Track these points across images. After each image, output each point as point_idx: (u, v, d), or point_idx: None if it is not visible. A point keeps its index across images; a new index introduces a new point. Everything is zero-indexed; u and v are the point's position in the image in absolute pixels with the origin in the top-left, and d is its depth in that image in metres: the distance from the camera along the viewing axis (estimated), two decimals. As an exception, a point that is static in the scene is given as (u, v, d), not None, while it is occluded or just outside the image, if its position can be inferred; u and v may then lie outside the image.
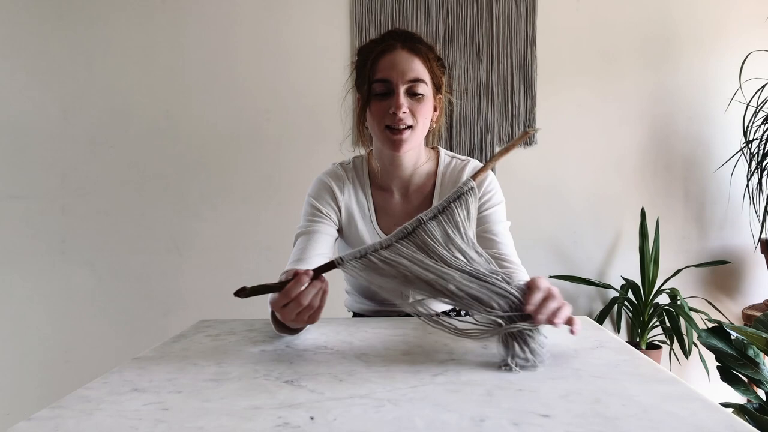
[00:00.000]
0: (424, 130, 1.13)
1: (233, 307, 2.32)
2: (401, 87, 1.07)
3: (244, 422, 0.59)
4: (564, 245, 2.35)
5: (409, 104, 1.08)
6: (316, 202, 1.18)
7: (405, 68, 1.07)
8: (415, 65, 1.08)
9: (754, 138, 2.12)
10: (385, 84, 1.08)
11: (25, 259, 2.33)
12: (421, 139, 1.15)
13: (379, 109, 1.09)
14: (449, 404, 0.63)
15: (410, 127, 1.08)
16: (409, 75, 1.07)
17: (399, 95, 1.07)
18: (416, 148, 1.15)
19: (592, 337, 0.94)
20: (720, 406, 0.62)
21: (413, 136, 1.10)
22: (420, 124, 1.10)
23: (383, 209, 1.20)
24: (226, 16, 2.31)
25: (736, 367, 1.44)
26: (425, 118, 1.11)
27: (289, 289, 0.80)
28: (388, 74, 1.07)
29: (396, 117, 1.07)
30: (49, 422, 0.61)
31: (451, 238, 0.84)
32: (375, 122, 1.10)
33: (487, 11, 2.29)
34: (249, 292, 0.81)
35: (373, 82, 1.09)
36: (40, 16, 2.30)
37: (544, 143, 2.31)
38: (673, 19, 2.32)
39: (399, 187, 1.19)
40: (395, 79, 1.07)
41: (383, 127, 1.09)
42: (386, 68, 1.08)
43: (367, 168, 1.22)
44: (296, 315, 0.82)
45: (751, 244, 2.29)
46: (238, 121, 2.32)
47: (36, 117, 2.32)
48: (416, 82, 1.08)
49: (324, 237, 1.14)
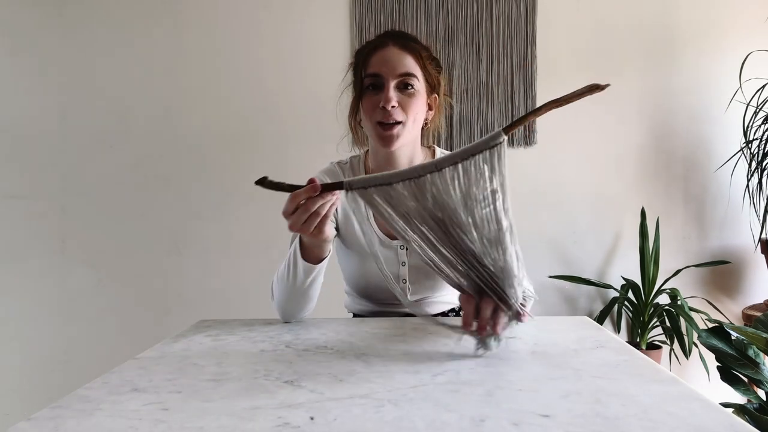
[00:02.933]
0: (416, 126, 1.13)
1: (233, 307, 2.33)
2: (391, 81, 1.08)
3: (244, 422, 0.59)
4: (564, 245, 2.35)
5: (400, 99, 1.08)
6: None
7: (395, 63, 1.08)
8: (406, 61, 1.09)
9: (754, 138, 2.12)
10: (375, 78, 1.09)
11: (25, 259, 2.33)
12: (413, 136, 1.14)
13: (370, 103, 1.09)
14: (449, 404, 0.63)
15: (400, 122, 1.08)
16: (399, 69, 1.08)
17: (389, 89, 1.07)
18: (409, 144, 1.15)
19: (592, 337, 0.94)
20: (720, 406, 0.62)
21: (404, 132, 1.09)
22: (410, 119, 1.09)
23: None
24: (226, 16, 2.31)
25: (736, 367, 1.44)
26: (416, 114, 1.11)
27: (299, 194, 0.84)
28: (379, 69, 1.09)
29: (386, 111, 1.07)
30: (49, 422, 0.60)
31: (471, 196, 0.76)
32: (367, 118, 1.11)
33: (487, 11, 2.28)
34: (267, 184, 0.86)
35: (365, 78, 1.10)
36: (40, 15, 2.30)
37: (544, 143, 2.31)
38: (673, 19, 2.32)
39: None
40: (385, 73, 1.08)
41: (375, 123, 1.09)
42: (377, 63, 1.09)
43: (364, 167, 1.22)
44: (303, 224, 0.86)
45: (751, 244, 2.29)
46: (238, 121, 2.32)
47: (36, 117, 2.32)
48: (406, 77, 1.08)
49: None
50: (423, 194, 0.79)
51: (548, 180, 2.33)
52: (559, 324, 1.05)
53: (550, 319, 1.09)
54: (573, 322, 1.07)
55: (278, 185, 0.86)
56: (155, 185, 2.33)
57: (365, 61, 1.11)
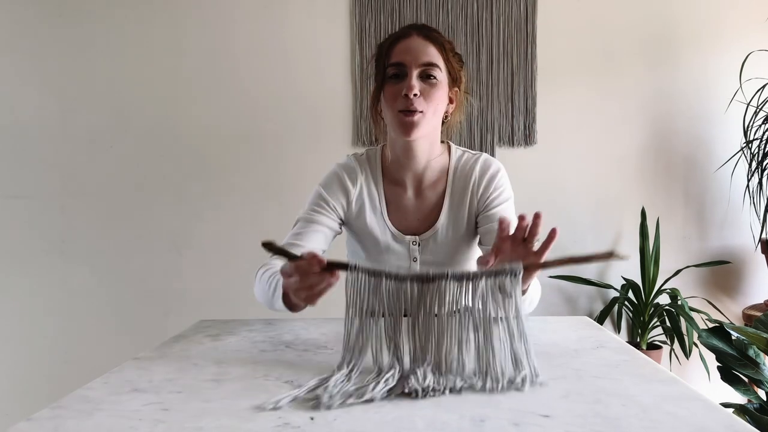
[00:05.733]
0: (437, 117, 1.13)
1: (233, 307, 2.32)
2: (414, 70, 1.08)
3: (244, 422, 0.59)
4: (564, 245, 2.33)
5: (422, 88, 1.08)
6: (325, 192, 1.18)
7: (419, 52, 1.09)
8: (429, 50, 1.09)
9: (754, 138, 2.12)
10: (398, 67, 1.09)
11: (25, 258, 2.33)
12: (433, 127, 1.14)
13: (392, 92, 1.09)
14: (449, 404, 0.63)
15: (421, 111, 1.08)
16: (422, 59, 1.08)
17: (411, 77, 1.07)
18: (428, 136, 1.14)
19: (592, 337, 0.94)
20: (720, 406, 0.62)
21: (424, 121, 1.09)
22: (431, 109, 1.09)
23: (395, 204, 1.20)
24: (226, 15, 2.31)
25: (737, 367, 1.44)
26: (437, 104, 1.11)
27: (300, 267, 0.79)
28: (402, 58, 1.09)
29: (408, 100, 1.07)
30: (49, 422, 0.60)
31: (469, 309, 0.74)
32: (388, 106, 1.11)
33: (487, 11, 2.28)
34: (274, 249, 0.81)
35: (387, 66, 1.10)
36: (40, 15, 2.30)
37: (544, 143, 2.31)
38: (673, 19, 2.32)
39: (412, 181, 1.19)
40: (408, 62, 1.08)
41: (396, 111, 1.09)
42: (400, 52, 1.09)
43: (381, 161, 1.22)
44: (296, 290, 0.82)
45: (751, 244, 2.29)
46: (238, 121, 2.32)
47: (36, 117, 2.32)
48: (429, 66, 1.09)
49: (323, 230, 1.16)
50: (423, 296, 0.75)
51: (548, 180, 2.32)
52: (559, 324, 1.05)
53: (550, 319, 1.09)
54: (573, 322, 1.07)
55: (282, 251, 0.82)
56: (155, 185, 2.33)
57: (388, 51, 1.11)
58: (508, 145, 2.31)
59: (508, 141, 2.31)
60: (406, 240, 1.18)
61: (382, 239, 1.19)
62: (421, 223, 1.19)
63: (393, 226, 1.19)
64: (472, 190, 1.17)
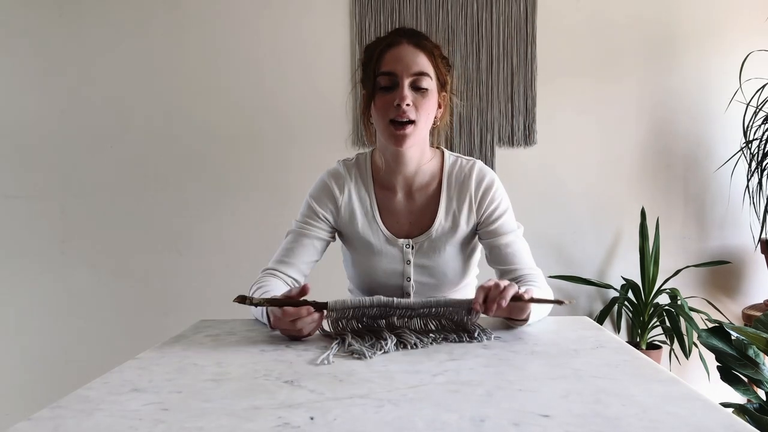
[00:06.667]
0: (427, 125, 1.14)
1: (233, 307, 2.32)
2: (406, 80, 1.08)
3: (244, 422, 0.59)
4: (564, 245, 2.35)
5: (413, 98, 1.08)
6: (315, 203, 1.20)
7: (410, 62, 1.08)
8: (420, 59, 1.09)
9: (754, 138, 2.12)
10: (389, 77, 1.09)
11: (25, 259, 2.33)
12: (424, 135, 1.15)
13: (384, 102, 1.09)
14: (449, 404, 0.63)
15: (413, 122, 1.08)
16: (413, 68, 1.08)
17: (403, 87, 1.07)
18: (419, 144, 1.15)
19: (592, 337, 0.94)
20: (720, 406, 0.62)
21: (416, 132, 1.10)
22: (423, 118, 1.10)
23: (386, 208, 1.20)
24: (225, 15, 2.31)
25: (737, 367, 1.44)
26: (428, 113, 1.11)
27: (289, 314, 0.90)
28: (393, 67, 1.09)
29: (400, 109, 1.07)
30: (49, 422, 0.60)
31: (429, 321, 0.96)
32: (379, 116, 1.11)
33: (487, 11, 2.28)
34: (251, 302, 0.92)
35: (378, 75, 1.10)
36: (40, 15, 2.30)
37: (544, 143, 2.31)
38: (673, 19, 2.32)
39: (402, 185, 1.20)
40: (400, 71, 1.08)
41: (387, 122, 1.09)
42: (391, 61, 1.09)
43: (371, 165, 1.22)
44: (285, 330, 0.93)
45: (751, 244, 2.29)
46: (238, 121, 2.32)
47: (36, 117, 2.32)
48: (421, 76, 1.09)
49: (313, 243, 1.18)
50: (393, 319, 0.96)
51: (548, 180, 2.32)
52: (559, 324, 1.06)
53: (550, 319, 1.10)
54: (573, 322, 1.07)
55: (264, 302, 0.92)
56: (155, 185, 2.33)
57: (378, 58, 1.11)
58: (508, 145, 2.31)
59: (508, 141, 2.31)
60: (399, 243, 1.19)
61: (375, 243, 1.19)
62: (413, 225, 1.20)
63: (386, 229, 1.19)
64: (470, 199, 1.18)
